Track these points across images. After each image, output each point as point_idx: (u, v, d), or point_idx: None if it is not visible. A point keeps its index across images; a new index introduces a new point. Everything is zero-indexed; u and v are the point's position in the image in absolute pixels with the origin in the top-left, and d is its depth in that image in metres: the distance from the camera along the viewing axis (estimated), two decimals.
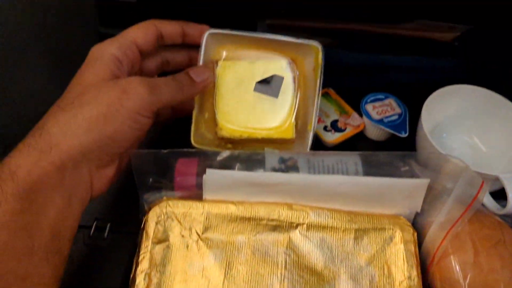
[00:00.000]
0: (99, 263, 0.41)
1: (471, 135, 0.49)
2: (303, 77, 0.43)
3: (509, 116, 0.46)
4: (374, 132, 0.50)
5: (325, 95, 0.53)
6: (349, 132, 0.50)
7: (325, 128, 0.49)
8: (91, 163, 0.34)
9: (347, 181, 0.37)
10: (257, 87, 0.43)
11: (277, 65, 0.43)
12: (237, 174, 0.38)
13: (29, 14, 0.60)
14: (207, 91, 0.43)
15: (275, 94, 0.43)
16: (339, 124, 0.50)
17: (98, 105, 0.34)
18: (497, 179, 0.40)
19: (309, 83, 0.43)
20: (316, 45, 0.42)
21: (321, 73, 0.42)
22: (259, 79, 0.43)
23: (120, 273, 0.38)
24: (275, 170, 0.38)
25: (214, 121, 0.43)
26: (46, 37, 0.58)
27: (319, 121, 0.49)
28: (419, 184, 0.37)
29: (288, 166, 0.39)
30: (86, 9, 0.58)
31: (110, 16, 0.54)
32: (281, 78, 0.43)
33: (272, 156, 0.40)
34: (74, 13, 0.59)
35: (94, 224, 0.42)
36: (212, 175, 0.37)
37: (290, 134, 0.43)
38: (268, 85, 0.43)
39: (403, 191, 0.37)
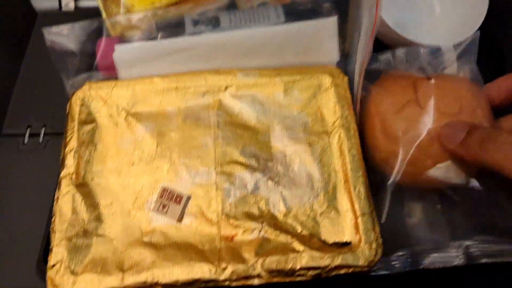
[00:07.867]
0: (35, 167, 0.40)
1: None
2: None
3: None
4: None
5: None
6: None
7: None
8: None
9: (261, 32, 0.37)
10: None
11: None
12: (149, 44, 0.36)
13: None
14: None
15: None
16: None
17: None
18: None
19: None
20: None
21: None
22: None
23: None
24: (195, 22, 0.37)
25: None
26: None
27: None
28: (328, 23, 0.36)
29: (209, 19, 0.38)
30: None
31: None
32: None
33: (189, 15, 0.38)
34: None
35: (27, 131, 0.41)
36: (122, 51, 0.36)
37: None
38: None
39: (316, 35, 0.37)
